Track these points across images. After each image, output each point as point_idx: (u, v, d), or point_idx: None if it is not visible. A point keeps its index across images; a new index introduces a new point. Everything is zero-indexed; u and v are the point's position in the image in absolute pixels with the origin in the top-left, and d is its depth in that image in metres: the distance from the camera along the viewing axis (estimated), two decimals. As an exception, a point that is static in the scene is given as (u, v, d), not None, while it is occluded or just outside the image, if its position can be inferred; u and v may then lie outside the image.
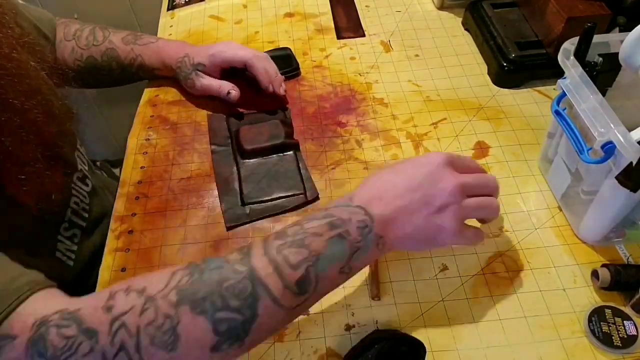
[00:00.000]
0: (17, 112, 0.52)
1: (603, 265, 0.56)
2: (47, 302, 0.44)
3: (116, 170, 0.93)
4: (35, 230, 0.59)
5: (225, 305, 0.42)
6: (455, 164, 0.52)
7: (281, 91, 0.74)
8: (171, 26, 0.94)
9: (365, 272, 0.58)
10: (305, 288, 0.45)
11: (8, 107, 0.50)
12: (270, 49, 0.85)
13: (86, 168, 0.73)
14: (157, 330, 0.41)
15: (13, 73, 0.52)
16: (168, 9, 0.98)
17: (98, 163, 0.92)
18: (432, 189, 0.49)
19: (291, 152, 0.70)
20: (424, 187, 0.49)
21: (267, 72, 0.74)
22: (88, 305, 0.42)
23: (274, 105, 0.76)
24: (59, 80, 0.64)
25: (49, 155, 0.57)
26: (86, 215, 0.70)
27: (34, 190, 0.55)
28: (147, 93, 0.80)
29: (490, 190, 0.53)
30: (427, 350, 0.51)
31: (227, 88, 0.74)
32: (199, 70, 0.74)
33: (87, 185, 0.72)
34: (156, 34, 0.92)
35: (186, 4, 0.98)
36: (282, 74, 0.77)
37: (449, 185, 0.49)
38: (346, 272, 0.48)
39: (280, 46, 0.86)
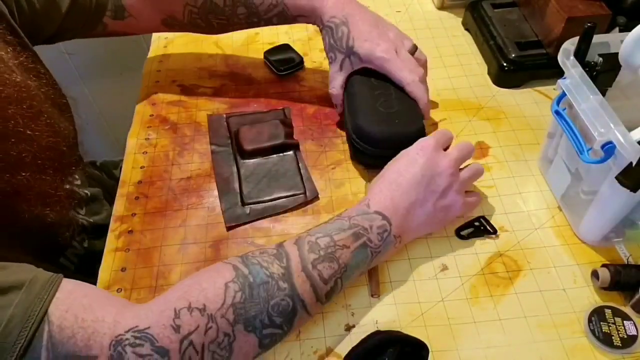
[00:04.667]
0: (29, 141, 0.51)
1: (603, 265, 0.56)
2: (98, 303, 0.45)
3: (116, 172, 0.93)
4: (44, 244, 0.60)
5: (272, 322, 0.47)
6: (440, 144, 0.58)
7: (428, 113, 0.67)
8: (171, 26, 0.93)
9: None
10: (332, 297, 0.51)
11: (21, 137, 0.50)
12: (268, 49, 0.85)
13: (83, 172, 0.73)
14: (217, 347, 0.45)
15: (16, 98, 0.51)
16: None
17: (98, 163, 0.92)
18: (433, 178, 0.56)
19: (291, 152, 0.70)
20: (426, 178, 0.55)
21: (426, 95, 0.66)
22: (156, 324, 0.44)
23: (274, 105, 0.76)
24: (56, 96, 0.61)
25: (65, 178, 0.57)
26: (90, 219, 0.70)
27: (51, 211, 0.55)
28: (144, 90, 0.80)
29: (471, 154, 0.60)
30: (429, 350, 0.51)
31: (339, 101, 0.69)
32: (350, 60, 0.66)
33: (85, 193, 0.72)
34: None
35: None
36: (286, 69, 0.78)
37: (445, 168, 0.56)
38: (364, 272, 0.55)
39: (280, 43, 0.86)
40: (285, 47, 0.84)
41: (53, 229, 0.58)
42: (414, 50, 0.69)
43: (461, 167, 0.59)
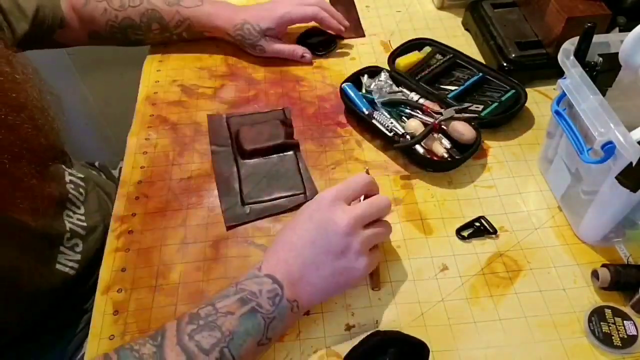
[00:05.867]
0: (9, 129, 0.51)
1: (603, 265, 0.56)
2: None
3: (115, 172, 0.93)
4: (37, 247, 0.59)
5: None
6: (343, 197, 0.52)
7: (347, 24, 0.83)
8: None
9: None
10: None
11: (1, 124, 0.50)
12: (299, 34, 0.87)
13: (76, 175, 0.73)
14: None
15: (3, 87, 0.52)
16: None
17: (97, 164, 0.92)
18: (327, 236, 0.50)
19: (291, 152, 0.70)
20: (320, 237, 0.50)
21: (334, 17, 0.81)
22: None
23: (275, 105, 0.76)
24: (40, 94, 0.61)
25: (40, 169, 0.56)
26: (84, 223, 0.70)
27: (30, 207, 0.55)
28: (144, 90, 0.80)
29: (382, 212, 0.54)
30: (430, 350, 0.51)
31: (301, 51, 0.79)
32: (268, 35, 0.78)
33: (80, 193, 0.71)
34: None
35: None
36: (325, 49, 0.85)
37: (341, 227, 0.50)
38: (265, 344, 0.48)
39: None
40: (316, 30, 0.87)
41: (40, 230, 0.58)
42: None
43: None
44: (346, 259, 0.51)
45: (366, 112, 0.72)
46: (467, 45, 0.86)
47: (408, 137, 0.69)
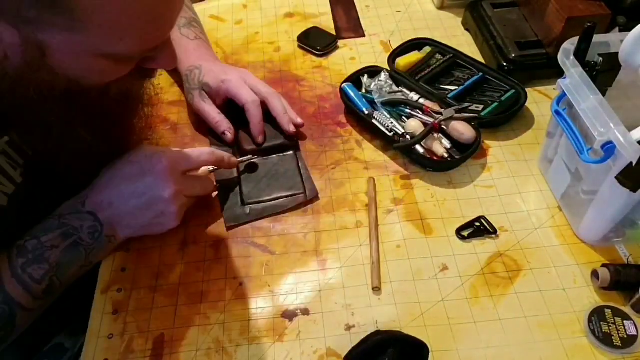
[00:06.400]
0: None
1: (603, 265, 0.56)
2: None
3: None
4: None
5: None
6: (179, 167, 0.58)
7: (291, 129, 0.70)
8: (171, 26, 0.93)
9: (366, 268, 0.59)
10: (52, 293, 0.53)
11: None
12: (299, 34, 0.87)
13: None
14: None
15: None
16: (168, 8, 0.97)
17: None
18: (154, 198, 0.56)
19: (291, 152, 0.70)
20: (147, 195, 0.56)
21: (273, 113, 0.71)
22: None
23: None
24: None
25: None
26: None
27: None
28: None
29: (208, 190, 0.63)
30: (430, 350, 0.51)
31: (224, 128, 0.70)
32: (204, 90, 0.71)
33: None
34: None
35: (186, 4, 0.98)
36: (324, 49, 0.84)
37: (167, 194, 0.56)
38: (87, 266, 0.56)
39: (279, 45, 0.86)
40: (316, 30, 0.87)
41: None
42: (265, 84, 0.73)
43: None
44: (162, 217, 0.58)
45: (366, 112, 0.72)
46: (467, 45, 0.86)
47: (408, 137, 0.69)
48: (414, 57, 0.80)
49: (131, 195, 0.56)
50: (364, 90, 0.76)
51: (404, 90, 0.75)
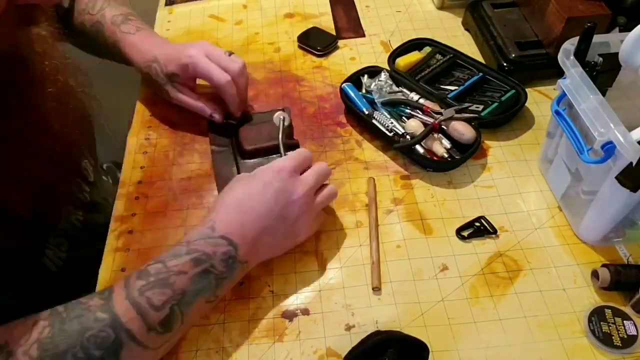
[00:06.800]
0: (52, 137, 0.52)
1: (603, 265, 0.56)
2: None
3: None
4: (22, 234, 0.59)
5: (89, 356, 0.42)
6: (298, 167, 0.56)
7: (241, 110, 0.70)
8: (169, 21, 0.93)
9: (366, 268, 0.59)
10: (171, 326, 0.47)
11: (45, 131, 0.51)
12: (299, 34, 0.87)
13: (91, 179, 0.72)
14: None
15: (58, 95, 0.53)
16: (166, 4, 0.97)
17: (105, 166, 0.91)
18: (286, 206, 0.53)
19: (291, 152, 0.70)
20: (279, 205, 0.53)
21: (237, 95, 0.69)
22: None
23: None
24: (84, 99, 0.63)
25: (53, 160, 0.56)
26: (79, 225, 0.69)
27: (30, 197, 0.54)
28: (144, 90, 0.80)
29: (326, 177, 0.59)
30: (430, 350, 0.51)
31: (209, 111, 0.69)
32: (175, 82, 0.69)
33: (86, 197, 0.71)
34: (153, 29, 0.92)
35: (185, 0, 0.97)
36: (324, 49, 0.84)
37: (300, 196, 0.54)
38: (212, 301, 0.50)
39: (279, 45, 0.86)
40: (316, 30, 0.88)
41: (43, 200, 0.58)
42: (228, 54, 0.69)
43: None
44: (297, 226, 0.55)
45: (366, 112, 0.72)
46: (467, 45, 0.86)
47: (408, 137, 0.69)
48: (414, 57, 0.80)
49: (263, 211, 0.52)
50: (364, 90, 0.76)
51: (404, 90, 0.75)
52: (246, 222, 0.52)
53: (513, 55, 0.77)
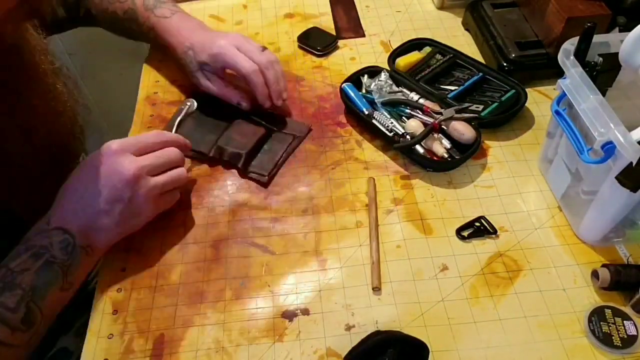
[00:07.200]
0: (47, 133, 0.53)
1: (603, 265, 0.56)
2: None
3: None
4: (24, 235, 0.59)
5: None
6: (130, 148, 0.55)
7: (279, 102, 0.71)
8: (171, 26, 0.93)
9: (366, 268, 0.59)
10: (32, 322, 0.48)
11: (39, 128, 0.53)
12: (299, 35, 0.87)
13: None
14: None
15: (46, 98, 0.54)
16: (166, 3, 0.97)
17: None
18: (114, 186, 0.53)
19: (279, 133, 0.72)
20: (107, 187, 0.53)
21: (266, 85, 0.69)
22: None
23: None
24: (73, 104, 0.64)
25: (50, 160, 0.57)
26: None
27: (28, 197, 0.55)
28: (144, 90, 0.80)
29: (175, 162, 0.58)
30: (430, 350, 0.51)
31: (237, 98, 0.70)
32: (206, 70, 0.71)
33: None
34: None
35: (185, 0, 0.97)
36: (324, 49, 0.84)
37: (127, 175, 0.53)
38: (67, 288, 0.51)
39: (279, 45, 0.86)
40: (316, 30, 0.88)
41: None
42: (261, 49, 0.71)
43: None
44: (133, 205, 0.54)
45: (366, 112, 0.72)
46: (467, 45, 0.86)
47: (408, 137, 0.69)
48: (414, 57, 0.80)
49: (93, 195, 0.53)
50: (364, 90, 0.76)
51: (404, 90, 0.75)
52: (78, 209, 0.52)
53: (513, 55, 0.77)
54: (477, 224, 0.62)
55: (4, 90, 0.50)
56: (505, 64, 0.77)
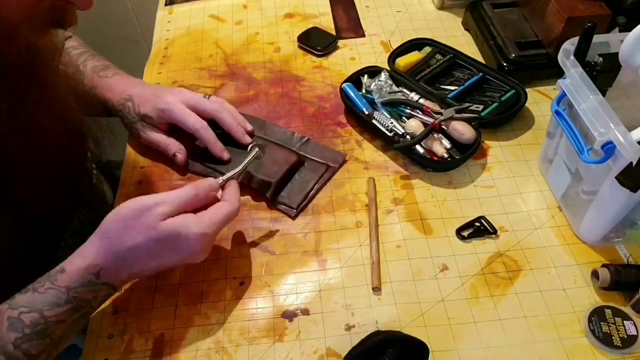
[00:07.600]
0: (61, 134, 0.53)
1: (603, 265, 0.56)
2: None
3: (118, 172, 0.92)
4: (36, 235, 0.59)
5: None
6: (186, 208, 0.52)
7: (247, 140, 0.68)
8: (169, 22, 0.93)
9: (366, 268, 0.59)
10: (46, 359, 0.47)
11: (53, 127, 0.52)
12: (299, 34, 0.87)
13: (94, 180, 0.73)
14: None
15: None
16: (166, 4, 0.97)
17: (101, 163, 0.91)
18: (179, 251, 0.50)
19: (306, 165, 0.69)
20: (169, 251, 0.50)
21: (228, 128, 0.68)
22: None
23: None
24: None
25: (59, 159, 0.57)
26: (89, 225, 0.69)
27: (42, 195, 0.55)
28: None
29: (230, 220, 0.54)
30: (430, 350, 0.51)
31: (174, 149, 0.68)
32: (146, 122, 0.68)
33: (94, 197, 0.71)
34: (153, 29, 0.92)
35: (185, 0, 0.97)
36: (324, 49, 0.84)
37: (196, 247, 0.50)
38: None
39: (279, 45, 0.86)
40: (316, 30, 0.88)
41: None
42: (207, 97, 0.69)
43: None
44: (190, 259, 0.52)
45: (366, 112, 0.72)
46: (467, 45, 0.86)
47: (408, 137, 0.69)
48: (414, 57, 0.80)
49: (151, 258, 0.50)
50: (364, 90, 0.76)
51: (404, 90, 0.75)
52: (134, 269, 0.51)
53: (513, 55, 0.77)
54: (477, 224, 0.62)
55: (13, 90, 0.50)
56: (505, 64, 0.77)
